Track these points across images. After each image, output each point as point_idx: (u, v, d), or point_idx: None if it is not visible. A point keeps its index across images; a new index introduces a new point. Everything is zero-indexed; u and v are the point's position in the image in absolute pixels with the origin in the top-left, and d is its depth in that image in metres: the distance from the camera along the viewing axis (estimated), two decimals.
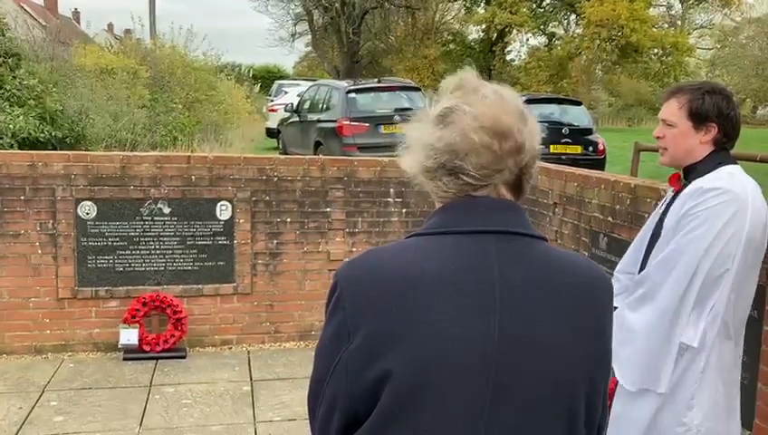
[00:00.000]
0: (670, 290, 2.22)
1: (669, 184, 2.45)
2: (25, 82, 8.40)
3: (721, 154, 2.30)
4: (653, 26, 29.79)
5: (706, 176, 2.25)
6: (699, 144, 2.29)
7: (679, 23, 34.96)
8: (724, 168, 2.27)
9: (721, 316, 2.21)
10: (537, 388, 1.09)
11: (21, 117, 7.84)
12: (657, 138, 2.39)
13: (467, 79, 1.19)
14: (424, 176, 1.17)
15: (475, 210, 1.14)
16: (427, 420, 1.07)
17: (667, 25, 33.26)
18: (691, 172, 2.32)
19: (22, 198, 4.76)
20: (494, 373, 1.07)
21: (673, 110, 2.32)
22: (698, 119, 2.27)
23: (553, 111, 12.84)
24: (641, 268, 2.40)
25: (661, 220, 2.38)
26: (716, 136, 2.28)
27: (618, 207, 3.86)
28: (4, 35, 8.75)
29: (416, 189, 1.21)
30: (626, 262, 2.57)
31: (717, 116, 2.26)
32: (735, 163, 2.32)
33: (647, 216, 3.56)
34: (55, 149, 8.14)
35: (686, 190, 2.27)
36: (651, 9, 31.01)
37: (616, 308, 2.39)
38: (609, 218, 3.94)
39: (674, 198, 2.35)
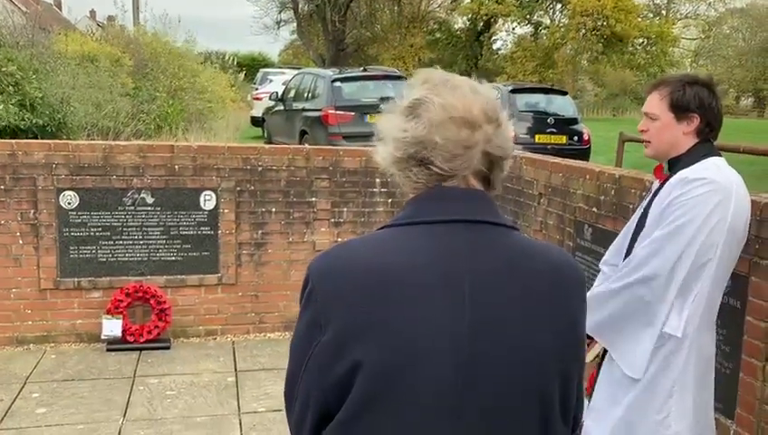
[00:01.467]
0: (654, 278, 2.23)
1: (654, 175, 2.47)
2: (4, 69, 8.26)
3: (705, 146, 2.32)
4: (638, 16, 29.91)
5: (692, 167, 2.26)
6: (682, 135, 2.31)
7: (664, 13, 35.11)
8: (708, 159, 2.28)
9: (703, 305, 2.24)
10: (508, 375, 1.10)
11: (0, 105, 7.72)
12: (642, 131, 2.41)
13: (436, 73, 1.21)
14: (395, 167, 1.18)
15: (444, 200, 1.15)
16: (398, 409, 1.07)
17: (651, 15, 33.40)
18: (676, 164, 2.33)
19: (2, 187, 4.69)
20: (464, 361, 1.08)
21: (655, 102, 2.34)
22: (680, 110, 2.29)
23: (539, 100, 12.88)
24: (625, 259, 2.42)
25: (646, 211, 2.39)
26: (699, 126, 2.29)
27: (602, 197, 3.87)
28: None
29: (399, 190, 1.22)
30: (611, 253, 2.59)
31: (699, 107, 2.28)
32: (720, 155, 2.33)
33: (631, 207, 3.59)
34: (36, 137, 8.03)
35: (671, 181, 2.28)
36: None
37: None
38: (594, 209, 3.95)
39: (659, 189, 2.36)
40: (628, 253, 2.41)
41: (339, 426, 1.10)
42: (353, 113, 11.24)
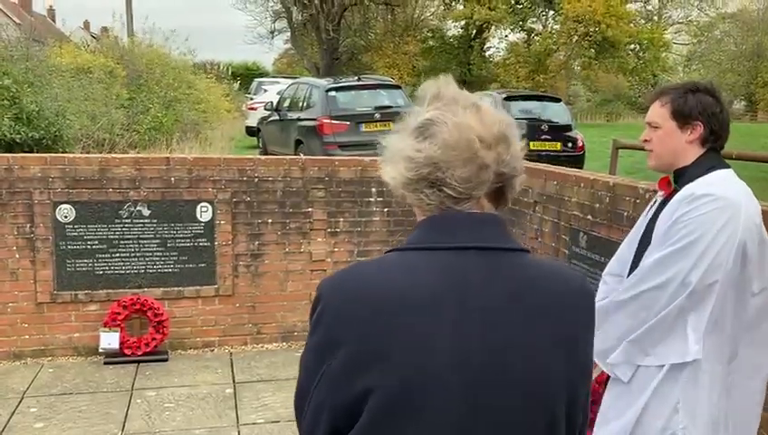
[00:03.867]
0: (659, 299, 2.16)
1: (659, 187, 2.38)
2: (0, 82, 8.28)
3: (711, 156, 2.24)
4: (629, 22, 30.06)
5: (698, 180, 2.18)
6: (686, 144, 2.23)
7: (656, 18, 35.31)
8: (716, 172, 2.20)
9: (713, 326, 2.15)
10: (516, 403, 1.10)
11: None
12: (644, 141, 2.34)
13: (446, 88, 1.19)
14: (405, 188, 1.16)
15: (457, 225, 1.14)
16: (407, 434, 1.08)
17: (643, 21, 33.58)
18: (682, 176, 2.24)
19: None
20: (474, 391, 1.08)
21: (657, 111, 2.28)
22: (682, 117, 2.22)
23: (533, 107, 12.93)
24: (630, 273, 2.35)
25: (651, 225, 2.31)
26: (703, 134, 2.22)
27: (597, 205, 3.90)
28: None
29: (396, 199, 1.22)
30: (614, 265, 2.51)
31: (701, 113, 2.21)
32: (728, 167, 2.26)
33: (625, 214, 3.62)
34: (32, 150, 8.03)
35: (677, 196, 2.19)
36: (628, 5, 31.28)
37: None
38: (589, 217, 3.98)
39: (664, 202, 2.28)
40: (634, 265, 2.33)
41: None
42: (348, 123, 11.26)
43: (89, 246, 4.85)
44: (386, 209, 5.35)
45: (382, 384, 1.07)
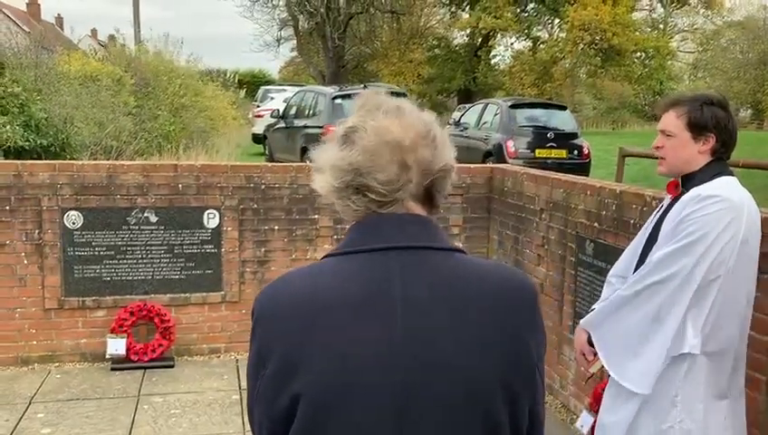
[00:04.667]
0: (663, 293, 2.26)
1: (667, 191, 2.50)
2: (9, 90, 8.33)
3: (719, 164, 2.37)
4: (635, 30, 30.08)
5: (705, 184, 2.30)
6: (698, 154, 2.35)
7: (662, 26, 35.31)
8: (722, 178, 2.33)
9: (711, 322, 2.25)
10: (444, 405, 1.08)
11: (7, 126, 7.78)
12: (656, 148, 2.44)
13: (373, 97, 1.21)
14: (334, 196, 1.18)
15: (380, 227, 1.14)
16: None
17: (649, 29, 33.58)
18: (689, 181, 2.37)
19: (7, 208, 4.72)
20: (401, 388, 1.07)
21: (672, 120, 2.38)
22: (697, 129, 2.34)
23: (539, 115, 12.94)
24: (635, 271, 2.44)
25: (657, 226, 2.42)
26: (714, 146, 2.34)
27: (603, 212, 3.89)
28: None
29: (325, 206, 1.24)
30: (620, 266, 2.61)
31: (715, 126, 2.33)
32: (732, 174, 2.38)
33: (632, 221, 3.62)
34: (40, 157, 8.08)
35: (684, 197, 2.32)
36: (634, 13, 31.31)
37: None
38: (596, 224, 3.98)
39: (671, 205, 2.40)
40: (641, 263, 2.43)
41: None
42: None
43: (96, 253, 4.87)
44: None
45: (308, 389, 1.08)
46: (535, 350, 1.16)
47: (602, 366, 2.49)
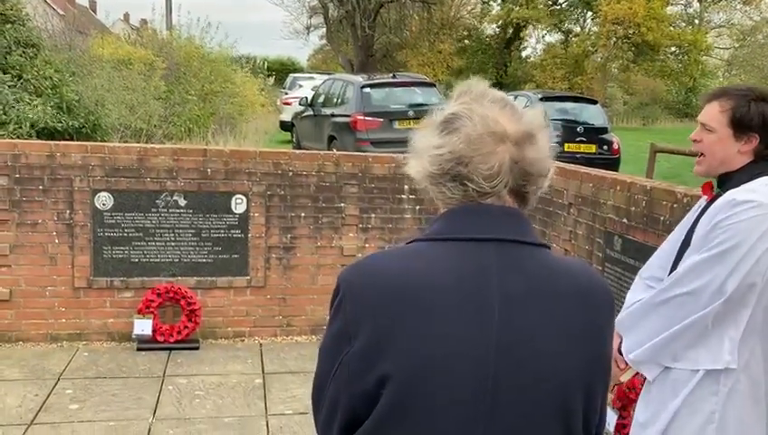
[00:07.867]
0: (691, 305, 2.12)
1: (702, 192, 2.32)
2: (43, 72, 8.46)
3: (760, 165, 2.15)
4: (670, 25, 29.57)
5: (742, 186, 2.11)
6: (737, 154, 2.15)
7: (697, 21, 34.65)
8: (760, 178, 2.12)
9: (749, 335, 2.11)
10: (532, 393, 1.10)
11: (39, 106, 7.90)
12: (694, 141, 2.24)
13: (476, 85, 1.19)
14: (428, 181, 1.17)
15: (477, 218, 1.14)
16: (424, 421, 1.09)
17: (684, 24, 32.99)
18: (726, 181, 2.18)
19: (40, 187, 4.81)
20: (489, 377, 1.09)
21: (714, 113, 2.16)
22: (740, 127, 2.12)
23: (569, 108, 12.81)
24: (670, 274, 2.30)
25: (693, 228, 2.26)
26: (757, 147, 2.13)
27: (633, 208, 3.85)
28: (24, 26, 8.80)
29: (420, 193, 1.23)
30: (653, 266, 2.45)
31: (761, 127, 2.11)
32: None
33: (662, 218, 3.57)
34: (71, 138, 8.19)
35: (718, 201, 2.13)
36: (668, 7, 30.75)
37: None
38: (624, 220, 3.93)
39: (707, 207, 2.22)
40: (674, 268, 2.28)
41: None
42: (381, 120, 11.29)
43: (125, 234, 4.94)
44: (417, 207, 5.36)
45: (398, 370, 1.08)
46: (610, 346, 1.21)
47: (635, 374, 2.43)
